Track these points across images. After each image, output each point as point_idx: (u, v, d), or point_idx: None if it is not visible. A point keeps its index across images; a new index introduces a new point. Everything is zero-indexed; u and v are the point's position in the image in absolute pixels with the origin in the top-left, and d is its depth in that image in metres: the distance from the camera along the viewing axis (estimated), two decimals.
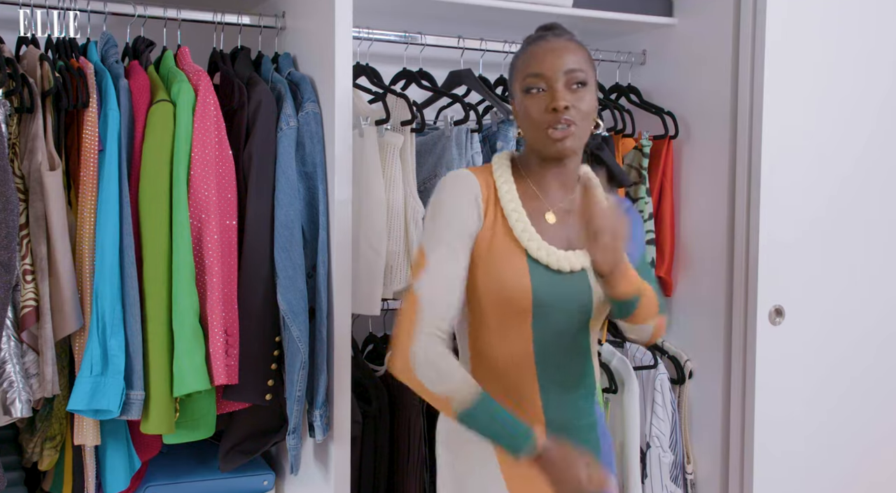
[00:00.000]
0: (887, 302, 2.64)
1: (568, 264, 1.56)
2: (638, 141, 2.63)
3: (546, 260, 1.56)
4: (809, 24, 2.43)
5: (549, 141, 1.54)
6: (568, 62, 1.55)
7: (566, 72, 1.54)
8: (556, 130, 1.52)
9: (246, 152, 2.02)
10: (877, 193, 2.59)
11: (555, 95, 1.53)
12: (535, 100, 1.55)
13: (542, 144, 1.56)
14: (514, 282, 1.54)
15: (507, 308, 1.55)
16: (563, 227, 1.61)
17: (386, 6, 2.37)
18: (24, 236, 1.81)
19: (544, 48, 1.57)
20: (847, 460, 2.61)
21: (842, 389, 2.57)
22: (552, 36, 1.59)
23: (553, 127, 1.52)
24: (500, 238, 1.57)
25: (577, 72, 1.55)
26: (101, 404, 1.83)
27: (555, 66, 1.54)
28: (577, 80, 1.55)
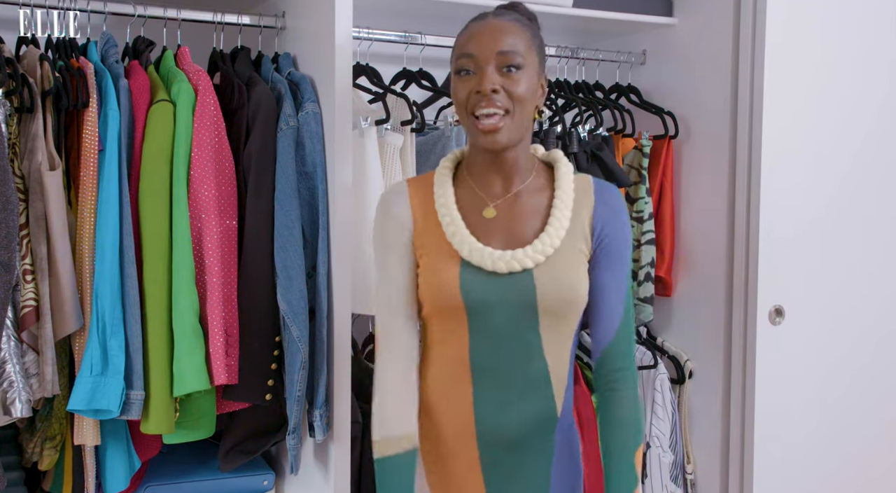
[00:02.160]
0: (886, 301, 2.64)
1: (505, 265, 1.48)
2: (638, 141, 2.63)
3: (479, 262, 1.49)
4: (809, 24, 2.43)
5: (478, 132, 1.46)
6: (502, 43, 1.44)
7: (499, 53, 1.44)
8: (484, 122, 1.44)
9: (246, 152, 2.02)
10: (876, 192, 2.59)
11: (482, 78, 1.44)
12: (464, 82, 1.46)
13: (473, 133, 1.48)
14: (446, 287, 1.49)
15: (444, 313, 1.52)
16: (506, 220, 1.53)
17: (386, 6, 2.37)
18: (24, 236, 1.81)
19: (480, 28, 1.47)
20: (847, 459, 2.61)
21: (842, 388, 2.57)
22: (493, 16, 1.50)
23: (480, 113, 1.44)
24: (436, 244, 1.53)
25: (511, 54, 1.44)
26: (101, 404, 1.83)
27: (486, 47, 1.44)
28: (511, 62, 1.44)
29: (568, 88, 2.63)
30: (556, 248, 1.50)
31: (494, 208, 1.53)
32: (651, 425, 2.59)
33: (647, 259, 2.56)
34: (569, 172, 1.56)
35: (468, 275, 1.49)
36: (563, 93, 2.60)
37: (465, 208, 1.55)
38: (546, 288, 1.48)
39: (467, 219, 1.54)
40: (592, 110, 2.55)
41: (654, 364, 2.61)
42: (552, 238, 1.50)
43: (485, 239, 1.52)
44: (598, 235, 1.54)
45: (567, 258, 1.51)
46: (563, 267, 1.50)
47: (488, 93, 1.43)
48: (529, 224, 1.53)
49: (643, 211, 2.57)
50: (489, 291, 1.49)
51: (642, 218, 2.57)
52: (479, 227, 1.53)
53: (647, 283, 2.55)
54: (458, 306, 1.50)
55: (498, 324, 1.50)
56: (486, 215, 1.53)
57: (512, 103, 1.45)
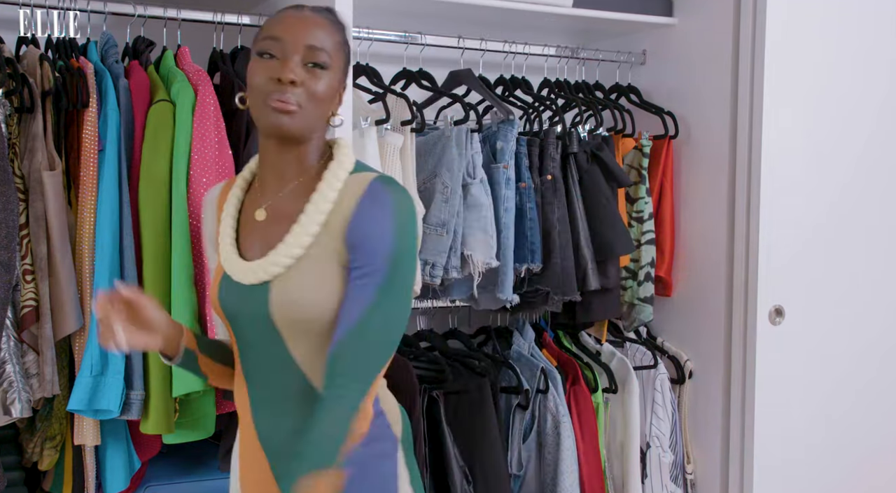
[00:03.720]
0: (886, 300, 2.64)
1: (248, 276, 1.38)
2: (638, 141, 2.63)
3: (230, 272, 1.41)
4: (809, 24, 2.43)
5: (268, 109, 1.33)
6: (313, 38, 1.35)
7: (307, 47, 1.35)
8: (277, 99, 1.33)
9: (246, 152, 2.02)
10: (876, 191, 2.59)
11: (284, 66, 1.33)
12: (264, 65, 1.35)
13: (259, 113, 1.36)
14: (212, 295, 1.45)
15: (221, 319, 1.47)
16: (272, 221, 1.41)
17: (386, 6, 2.37)
18: (24, 236, 1.81)
19: (294, 16, 1.38)
20: (847, 459, 2.61)
21: (842, 388, 2.57)
22: (310, 10, 1.40)
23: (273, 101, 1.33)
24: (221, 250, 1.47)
25: (319, 51, 1.35)
26: (101, 404, 1.83)
27: (296, 36, 1.35)
28: (317, 60, 1.35)
29: (568, 87, 2.63)
30: (299, 257, 1.35)
31: (265, 210, 1.43)
32: (651, 425, 2.59)
33: (647, 259, 2.56)
34: (339, 168, 1.40)
35: (225, 284, 1.42)
36: (563, 93, 2.60)
37: (245, 210, 1.46)
38: (279, 301, 1.35)
39: (243, 222, 1.45)
40: (592, 110, 2.55)
41: (654, 364, 2.61)
42: (290, 247, 1.35)
43: (247, 244, 1.43)
44: (349, 240, 1.34)
45: (309, 267, 1.35)
46: (302, 279, 1.35)
47: (287, 83, 1.33)
48: (282, 230, 1.39)
49: (643, 211, 2.57)
50: (235, 302, 1.41)
51: (642, 218, 2.57)
52: (248, 231, 1.44)
53: (647, 283, 2.55)
54: (222, 315, 1.44)
55: (247, 334, 1.41)
56: (257, 218, 1.43)
57: (306, 99, 1.35)
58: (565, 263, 2.33)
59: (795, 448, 2.50)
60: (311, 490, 1.24)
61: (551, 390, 2.38)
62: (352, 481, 1.34)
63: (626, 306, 2.60)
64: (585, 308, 2.46)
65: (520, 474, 2.40)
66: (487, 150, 2.34)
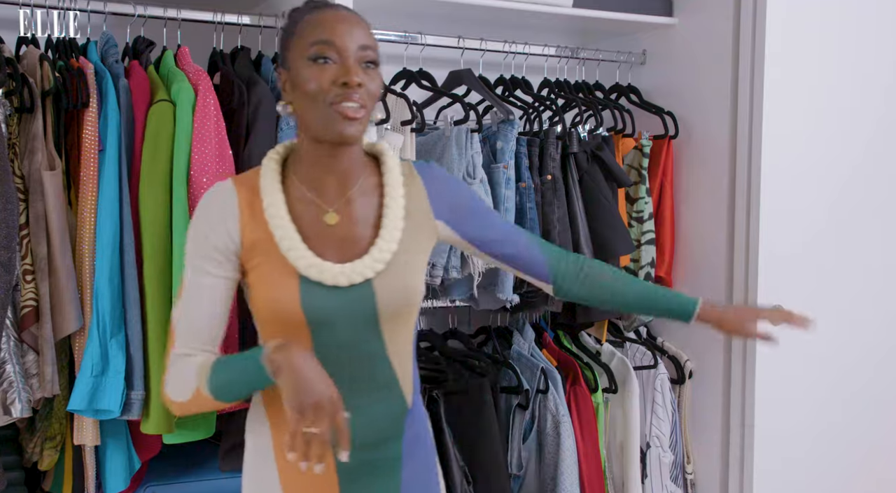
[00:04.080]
0: (886, 300, 2.64)
1: (345, 278, 1.41)
2: (638, 141, 2.63)
3: (318, 277, 1.40)
4: (809, 23, 2.43)
5: (337, 117, 1.35)
6: (362, 37, 1.38)
7: (360, 47, 1.37)
8: (346, 106, 1.34)
9: (246, 152, 2.02)
10: (877, 191, 2.59)
11: (348, 69, 1.35)
12: (321, 70, 1.35)
13: (326, 121, 1.36)
14: (286, 303, 1.40)
15: (285, 327, 1.43)
16: (344, 226, 1.45)
17: (386, 6, 2.37)
18: (24, 236, 1.81)
19: (337, 17, 1.38)
20: (847, 459, 2.61)
21: (842, 388, 2.57)
22: (343, 8, 1.42)
23: (344, 102, 1.34)
24: (270, 256, 1.42)
25: (369, 50, 1.38)
26: (102, 404, 1.83)
27: (348, 38, 1.36)
28: (370, 58, 1.38)
29: (568, 87, 2.63)
30: (394, 252, 1.44)
31: (335, 213, 1.45)
32: (651, 425, 2.59)
33: (647, 259, 2.56)
34: (395, 166, 1.49)
35: (308, 290, 1.40)
36: (563, 93, 2.60)
37: (298, 215, 1.44)
38: (385, 296, 1.43)
39: (302, 228, 1.44)
40: (592, 110, 2.55)
41: (654, 364, 2.61)
42: (388, 243, 1.44)
43: (321, 249, 1.43)
44: (447, 208, 1.53)
45: (405, 261, 1.46)
46: (402, 272, 1.45)
47: (355, 85, 1.34)
48: (365, 229, 1.46)
49: (643, 211, 2.57)
50: (331, 305, 1.42)
51: (642, 218, 2.57)
52: (317, 235, 1.44)
53: None
54: (300, 322, 1.42)
55: (341, 335, 1.44)
56: (329, 222, 1.44)
57: (368, 100, 1.38)
58: None
59: (795, 448, 2.50)
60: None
61: (551, 390, 2.38)
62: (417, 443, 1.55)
63: None
64: (585, 308, 2.46)
65: (520, 474, 2.41)
66: (487, 150, 2.35)
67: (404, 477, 1.54)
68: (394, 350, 1.49)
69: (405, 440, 1.53)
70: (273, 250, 1.42)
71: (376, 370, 1.47)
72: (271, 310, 1.42)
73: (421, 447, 1.58)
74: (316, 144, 1.42)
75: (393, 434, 1.52)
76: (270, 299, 1.41)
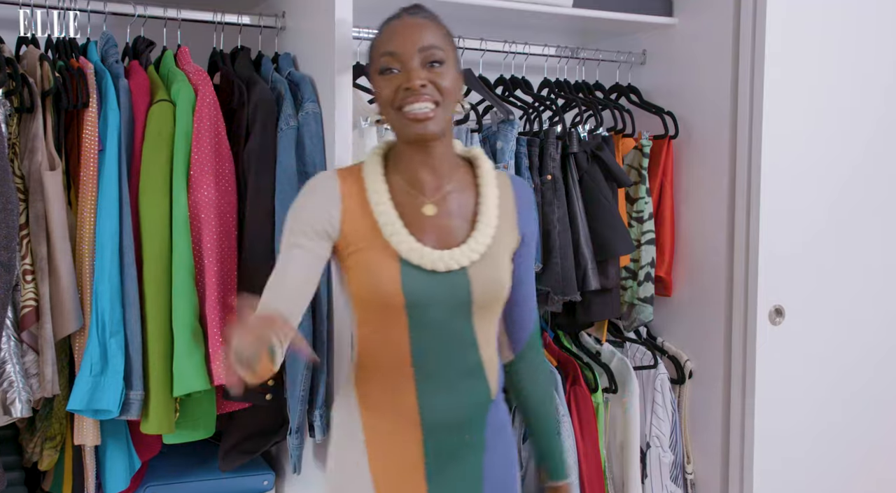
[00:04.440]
0: (887, 300, 2.64)
1: (443, 264, 1.53)
2: (638, 141, 2.63)
3: (419, 261, 1.52)
4: (809, 23, 2.43)
5: (407, 121, 1.49)
6: (423, 39, 1.50)
7: (421, 49, 1.50)
8: (413, 109, 1.47)
9: (246, 152, 2.02)
10: (877, 191, 2.59)
11: (410, 74, 1.48)
12: (388, 80, 1.50)
13: (401, 126, 1.51)
14: (386, 284, 1.51)
15: (382, 309, 1.54)
16: (441, 218, 1.57)
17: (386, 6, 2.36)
18: (24, 236, 1.81)
19: (398, 26, 1.53)
20: (848, 459, 2.61)
21: (842, 388, 2.57)
22: (408, 15, 1.54)
23: (408, 105, 1.47)
24: (372, 242, 1.53)
25: (433, 49, 1.50)
26: (101, 404, 1.83)
27: (409, 44, 1.49)
28: (434, 58, 1.50)
29: (568, 87, 2.63)
30: (488, 245, 1.57)
31: (433, 205, 1.58)
32: (651, 425, 2.59)
33: (647, 259, 2.56)
34: (490, 169, 1.63)
35: (408, 273, 1.52)
36: (563, 93, 2.60)
37: (399, 205, 1.57)
38: (480, 284, 1.55)
39: (403, 216, 1.56)
40: (592, 110, 2.55)
41: (654, 364, 2.61)
42: (485, 236, 1.56)
43: (421, 236, 1.55)
44: (523, 226, 1.64)
45: (496, 254, 1.58)
46: (494, 264, 1.58)
47: (417, 88, 1.47)
48: (461, 221, 1.58)
49: (643, 211, 2.57)
50: (428, 288, 1.53)
51: (642, 218, 2.57)
52: (417, 224, 1.56)
53: (647, 283, 2.55)
54: (399, 304, 1.53)
55: (435, 319, 1.55)
56: (427, 212, 1.57)
57: (440, 96, 1.50)
58: (565, 263, 2.33)
59: (795, 448, 2.50)
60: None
61: None
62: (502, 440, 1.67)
63: (626, 306, 2.61)
64: (585, 308, 2.46)
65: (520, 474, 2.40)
66: (487, 150, 2.34)
67: (486, 465, 1.63)
68: (482, 339, 1.60)
69: (488, 430, 1.64)
70: (375, 236, 1.53)
71: (466, 356, 1.59)
72: (372, 292, 1.53)
73: (503, 439, 1.68)
74: (406, 145, 1.56)
75: (477, 421, 1.62)
76: (372, 282, 1.52)
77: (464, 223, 1.59)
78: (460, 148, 1.66)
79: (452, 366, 1.58)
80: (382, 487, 1.60)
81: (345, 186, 1.57)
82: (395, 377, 1.58)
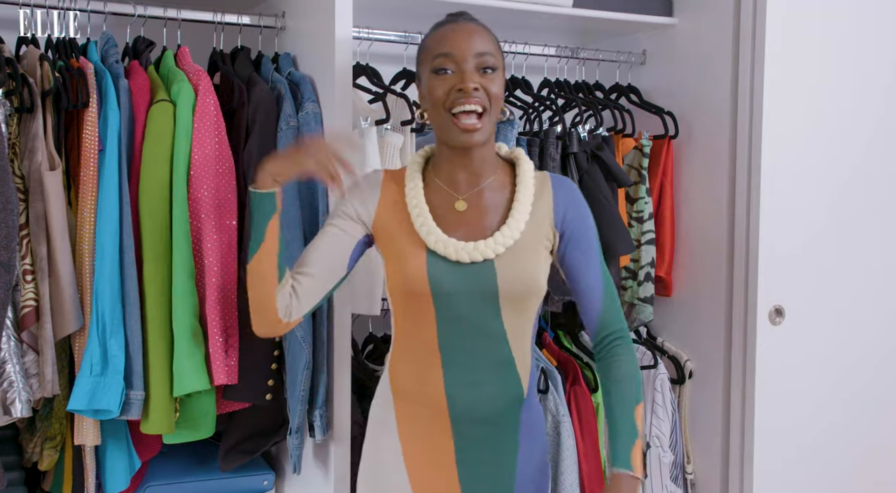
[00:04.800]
0: (887, 300, 2.64)
1: (467, 256, 1.59)
2: (638, 141, 2.63)
3: (444, 252, 1.59)
4: (809, 23, 2.43)
5: (456, 130, 1.56)
6: (478, 45, 1.56)
7: (476, 55, 1.55)
8: (464, 121, 1.54)
9: (246, 152, 2.02)
10: (877, 191, 2.59)
11: (464, 76, 1.54)
12: (442, 80, 1.56)
13: (449, 130, 1.58)
14: (413, 273, 1.60)
15: (412, 297, 1.62)
16: (473, 214, 1.64)
17: (386, 6, 2.37)
18: (24, 236, 1.81)
19: (455, 30, 1.58)
20: (848, 459, 2.61)
21: (842, 388, 2.57)
22: (463, 20, 1.61)
23: (459, 106, 1.54)
24: (403, 233, 1.63)
25: (487, 56, 1.56)
26: (101, 404, 1.83)
27: (465, 48, 1.55)
28: (488, 64, 1.56)
29: (568, 87, 2.63)
30: (517, 239, 1.61)
31: (464, 201, 1.64)
32: (651, 425, 2.59)
33: (647, 259, 2.56)
34: (529, 169, 1.67)
35: (434, 263, 1.59)
36: (563, 93, 2.60)
37: (432, 201, 1.65)
38: (507, 277, 1.59)
39: (435, 211, 1.64)
40: (592, 110, 2.55)
41: (654, 364, 2.61)
42: (513, 230, 1.60)
43: (450, 230, 1.62)
44: (562, 222, 1.66)
45: (527, 249, 1.62)
46: (523, 257, 1.61)
47: (470, 90, 1.53)
48: (493, 218, 1.63)
49: (643, 211, 2.57)
50: (453, 279, 1.59)
51: (642, 218, 2.57)
52: (447, 219, 1.63)
53: (647, 283, 2.55)
54: (425, 293, 1.60)
55: (462, 310, 1.60)
56: (458, 208, 1.64)
57: (489, 102, 1.56)
58: None
59: (795, 448, 2.50)
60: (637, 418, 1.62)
61: (551, 390, 2.38)
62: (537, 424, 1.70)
63: (626, 306, 2.61)
64: None
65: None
66: None
67: (519, 466, 1.67)
68: (512, 333, 1.63)
69: (522, 429, 1.67)
70: (408, 229, 1.63)
71: (494, 348, 1.63)
72: (402, 280, 1.61)
73: (537, 439, 1.71)
74: (447, 147, 1.63)
75: (509, 418, 1.66)
76: (401, 270, 1.61)
77: (495, 219, 1.63)
78: (505, 150, 1.73)
79: (479, 357, 1.62)
80: (416, 481, 1.65)
81: (387, 182, 1.69)
82: (424, 366, 1.65)
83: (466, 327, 1.61)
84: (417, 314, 1.63)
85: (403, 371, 1.68)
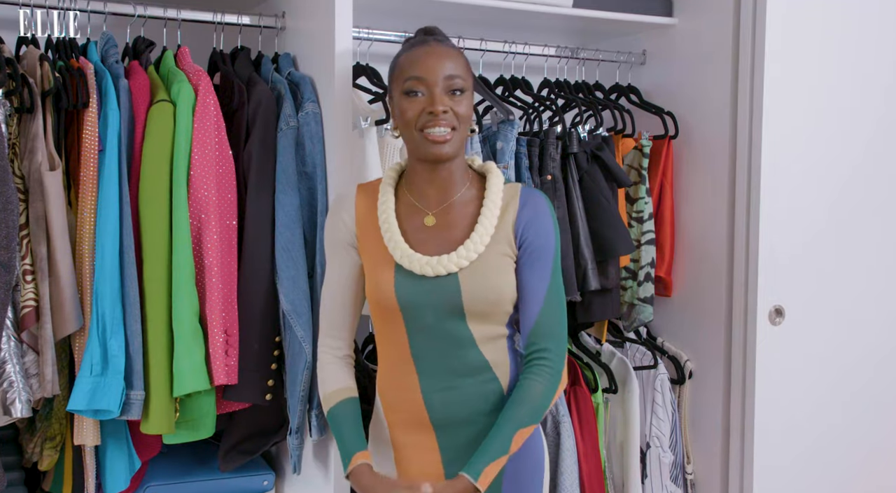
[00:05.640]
0: (887, 300, 2.64)
1: (431, 270, 1.63)
2: (638, 141, 2.63)
3: (409, 266, 1.64)
4: (809, 23, 2.43)
5: (426, 142, 1.62)
6: (448, 68, 1.62)
7: (446, 78, 1.62)
8: (434, 132, 1.60)
9: (246, 152, 2.02)
10: (877, 191, 2.59)
11: (433, 99, 1.60)
12: (413, 102, 1.62)
13: (419, 144, 1.63)
14: (382, 287, 1.66)
15: (384, 311, 1.68)
16: (441, 228, 1.69)
17: (386, 6, 2.37)
18: (24, 236, 1.81)
19: (426, 52, 1.64)
20: (847, 458, 2.61)
21: (842, 388, 2.57)
22: (434, 41, 1.67)
23: (429, 128, 1.60)
24: (375, 247, 1.70)
25: (456, 78, 1.63)
26: (101, 405, 1.83)
27: (435, 71, 1.61)
28: (456, 86, 1.63)
29: (568, 88, 2.63)
30: (480, 253, 1.65)
31: (433, 216, 1.70)
32: (651, 425, 2.59)
33: (647, 259, 2.56)
34: (498, 182, 1.71)
35: (401, 278, 1.65)
36: (563, 93, 2.60)
37: (402, 216, 1.71)
38: (470, 290, 1.64)
39: (404, 226, 1.70)
40: (592, 110, 2.55)
41: (654, 364, 2.61)
42: (476, 244, 1.65)
43: (419, 245, 1.68)
44: (521, 237, 1.69)
45: (491, 262, 1.66)
46: (487, 270, 1.65)
47: (440, 113, 1.60)
48: (459, 232, 1.68)
49: (643, 211, 2.57)
50: (419, 291, 1.65)
51: (642, 218, 2.57)
52: (416, 234, 1.69)
53: (647, 283, 2.55)
54: (394, 306, 1.66)
55: (430, 322, 1.66)
56: (427, 223, 1.69)
57: (458, 122, 1.63)
58: (565, 263, 2.33)
59: (795, 448, 2.50)
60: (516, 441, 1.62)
61: None
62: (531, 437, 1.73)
63: (626, 306, 2.61)
64: (585, 308, 2.46)
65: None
66: (487, 150, 2.34)
67: (507, 467, 1.70)
68: (482, 338, 1.67)
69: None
70: (380, 245, 1.69)
71: (466, 354, 1.67)
72: (374, 294, 1.68)
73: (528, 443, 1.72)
74: (418, 161, 1.69)
75: (492, 416, 1.68)
76: (373, 284, 1.68)
77: (461, 233, 1.68)
78: (478, 163, 1.78)
79: (452, 363, 1.67)
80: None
81: (360, 199, 1.74)
82: (400, 374, 1.70)
83: (435, 337, 1.66)
84: (390, 325, 1.69)
85: (385, 379, 1.75)
